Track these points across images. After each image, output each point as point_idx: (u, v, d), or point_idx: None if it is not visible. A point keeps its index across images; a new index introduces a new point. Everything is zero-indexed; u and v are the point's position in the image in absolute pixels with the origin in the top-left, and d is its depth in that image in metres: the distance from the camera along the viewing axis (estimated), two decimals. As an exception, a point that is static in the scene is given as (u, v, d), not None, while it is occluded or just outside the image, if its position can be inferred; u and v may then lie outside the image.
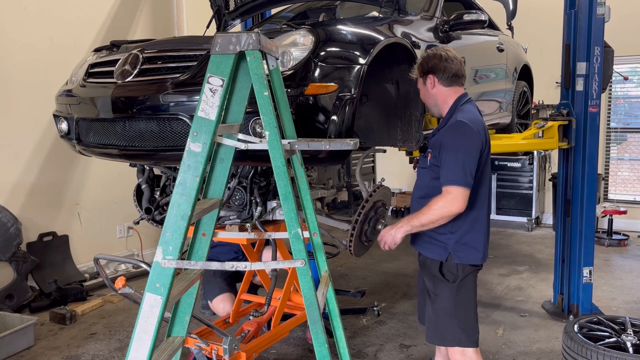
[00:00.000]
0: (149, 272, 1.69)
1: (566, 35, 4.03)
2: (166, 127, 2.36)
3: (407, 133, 2.93)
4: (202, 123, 1.73)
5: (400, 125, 2.93)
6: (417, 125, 2.89)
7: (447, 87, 2.47)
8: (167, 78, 2.36)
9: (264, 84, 1.77)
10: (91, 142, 2.71)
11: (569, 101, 4.02)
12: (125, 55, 2.58)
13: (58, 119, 2.93)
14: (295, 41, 2.30)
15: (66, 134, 2.89)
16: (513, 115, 4.64)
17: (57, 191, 4.81)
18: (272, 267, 1.93)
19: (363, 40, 2.42)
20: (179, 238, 1.69)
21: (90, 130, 2.69)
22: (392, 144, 2.99)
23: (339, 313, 2.37)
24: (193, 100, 2.24)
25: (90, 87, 2.69)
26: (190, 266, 1.82)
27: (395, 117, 2.93)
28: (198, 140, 1.73)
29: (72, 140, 2.82)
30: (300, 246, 1.86)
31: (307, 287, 1.89)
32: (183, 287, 1.81)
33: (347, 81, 2.27)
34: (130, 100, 2.41)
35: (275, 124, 1.80)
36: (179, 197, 1.71)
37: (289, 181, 1.83)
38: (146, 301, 1.66)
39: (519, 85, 4.78)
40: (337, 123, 2.26)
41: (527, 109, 5.11)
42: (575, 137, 4.00)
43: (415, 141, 2.92)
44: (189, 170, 1.72)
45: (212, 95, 1.74)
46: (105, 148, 2.64)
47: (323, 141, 2.05)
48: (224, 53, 1.73)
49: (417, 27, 3.02)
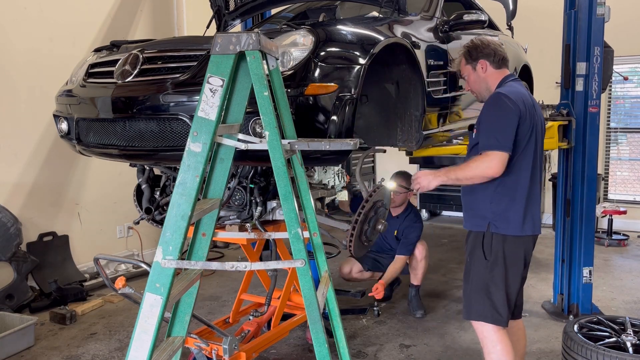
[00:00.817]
0: (149, 272, 1.69)
1: (566, 35, 4.03)
2: (166, 127, 2.36)
3: (407, 133, 2.93)
4: (202, 123, 1.74)
5: (400, 125, 2.93)
6: (417, 125, 2.89)
7: (497, 69, 2.64)
8: (167, 78, 2.36)
9: (264, 84, 1.77)
10: (91, 142, 2.71)
11: (568, 101, 4.02)
12: (125, 55, 2.58)
13: (58, 119, 2.93)
14: (295, 41, 2.30)
15: (66, 134, 2.89)
16: None
17: (57, 191, 4.81)
18: (272, 267, 1.93)
19: (363, 41, 2.42)
20: (179, 238, 1.70)
21: (90, 130, 2.69)
22: (392, 144, 2.99)
23: (339, 313, 2.37)
24: (193, 101, 2.24)
25: (90, 87, 2.69)
26: (190, 266, 1.82)
27: (395, 117, 2.93)
28: (198, 140, 1.73)
29: (72, 140, 2.83)
30: (300, 246, 1.86)
31: (307, 287, 1.89)
32: (183, 287, 1.82)
33: (347, 81, 2.27)
34: (130, 100, 2.41)
35: (275, 124, 1.80)
36: (179, 197, 1.71)
37: (289, 181, 1.83)
38: (146, 301, 1.67)
39: None
40: (337, 123, 2.26)
41: None
42: (575, 137, 3.99)
43: (415, 141, 2.92)
44: (189, 170, 1.72)
45: (212, 96, 1.74)
46: (106, 148, 2.64)
47: (323, 141, 2.06)
48: (224, 53, 1.74)
49: (417, 27, 3.02)
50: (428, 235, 6.97)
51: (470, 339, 3.70)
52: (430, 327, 3.91)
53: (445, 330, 3.85)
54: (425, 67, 2.89)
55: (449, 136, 3.46)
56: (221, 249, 6.18)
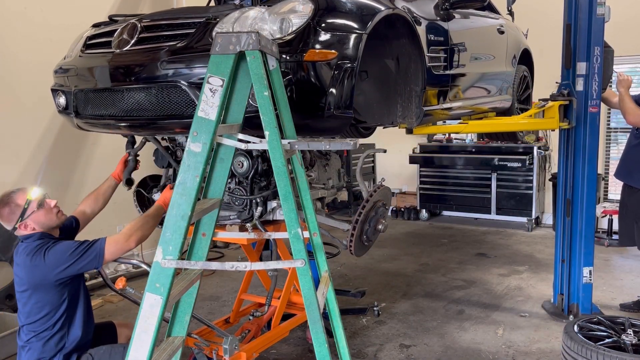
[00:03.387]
0: (149, 272, 1.69)
1: (567, 15, 3.99)
2: (164, 95, 2.34)
3: (407, 109, 2.91)
4: (202, 123, 1.73)
5: (401, 101, 2.91)
6: (417, 100, 2.87)
7: None
8: (165, 45, 2.34)
9: (264, 84, 1.76)
10: (89, 114, 2.68)
11: (569, 81, 3.99)
12: (123, 25, 2.57)
13: (56, 94, 2.91)
14: (294, 8, 2.28)
15: (64, 108, 2.87)
16: (513, 99, 4.64)
17: (58, 191, 4.81)
18: (272, 267, 1.93)
19: (363, 9, 2.41)
20: (179, 238, 1.69)
21: (88, 101, 2.67)
22: (392, 120, 2.96)
23: (339, 313, 2.37)
24: (191, 67, 2.22)
25: (87, 57, 2.67)
26: (190, 266, 1.82)
27: (395, 94, 2.91)
28: (198, 140, 1.72)
29: (70, 114, 2.81)
30: (300, 246, 1.85)
31: (307, 287, 1.88)
32: (183, 287, 1.82)
33: (347, 49, 2.26)
34: (128, 69, 2.39)
35: (275, 123, 1.79)
36: (179, 197, 1.70)
37: (289, 181, 1.83)
38: (146, 301, 1.66)
39: (519, 69, 4.77)
40: (336, 95, 2.24)
41: (527, 94, 5.08)
42: (575, 137, 3.99)
43: (416, 117, 2.90)
44: (189, 170, 1.71)
45: (212, 95, 1.73)
46: (104, 119, 2.62)
47: (323, 141, 2.05)
48: (224, 53, 1.73)
49: (419, 3, 3.00)
50: (428, 235, 6.98)
51: (470, 338, 3.70)
52: (430, 327, 3.91)
53: (445, 330, 3.85)
54: (426, 43, 2.87)
55: (449, 114, 3.43)
56: (221, 249, 6.18)
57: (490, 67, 4.09)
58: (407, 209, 8.06)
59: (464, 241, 6.62)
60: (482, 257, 5.86)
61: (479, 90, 3.97)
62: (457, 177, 7.56)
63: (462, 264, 5.57)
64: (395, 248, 6.27)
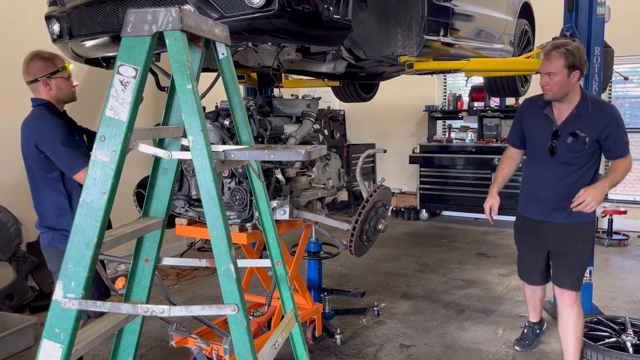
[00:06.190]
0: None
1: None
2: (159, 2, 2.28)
3: (407, 38, 2.88)
4: (111, 124, 1.35)
5: (401, 30, 2.88)
6: (417, 28, 2.84)
7: (579, 80, 2.92)
8: None
9: (186, 74, 1.39)
10: (84, 33, 2.69)
11: (572, 23, 3.95)
12: None
13: (50, 21, 2.93)
14: None
15: (58, 36, 2.88)
16: (515, 51, 4.62)
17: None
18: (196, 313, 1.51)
19: None
20: (83, 271, 1.34)
21: (82, 19, 2.66)
22: (392, 51, 2.93)
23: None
24: None
25: None
26: (95, 308, 1.36)
27: (395, 23, 2.87)
28: (106, 147, 1.34)
29: (64, 40, 2.81)
30: (232, 287, 1.41)
31: (240, 341, 1.48)
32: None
33: None
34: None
35: (200, 127, 1.39)
36: (82, 219, 1.34)
37: (218, 201, 1.42)
38: (43, 350, 1.36)
39: (520, 22, 4.75)
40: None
41: (529, 50, 5.05)
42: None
43: (416, 45, 2.86)
44: (95, 185, 1.34)
45: (122, 90, 1.35)
46: (99, 36, 2.61)
47: (266, 150, 1.57)
48: (138, 35, 1.36)
49: None
50: (428, 235, 6.98)
51: (470, 338, 3.70)
52: (430, 327, 3.91)
53: (445, 330, 3.85)
54: None
55: (450, 52, 3.39)
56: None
57: (491, 8, 4.03)
58: (407, 209, 8.06)
59: (464, 241, 6.62)
60: (482, 257, 5.86)
61: (480, 32, 3.92)
62: (457, 177, 7.56)
63: (462, 264, 5.57)
64: (395, 248, 6.27)
